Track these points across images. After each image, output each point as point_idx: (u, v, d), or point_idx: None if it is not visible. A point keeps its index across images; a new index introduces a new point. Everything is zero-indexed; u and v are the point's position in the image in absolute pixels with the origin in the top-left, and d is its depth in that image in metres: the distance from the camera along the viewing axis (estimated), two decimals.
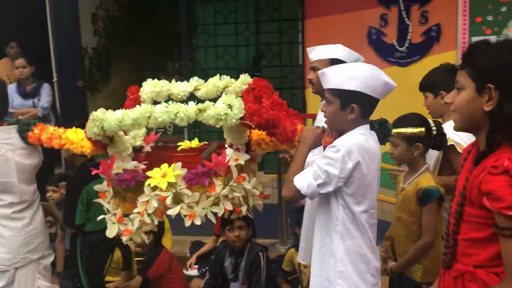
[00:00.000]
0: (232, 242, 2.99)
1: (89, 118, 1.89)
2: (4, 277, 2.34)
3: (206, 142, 2.39)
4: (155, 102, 2.21)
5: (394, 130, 1.91)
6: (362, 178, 1.70)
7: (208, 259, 3.46)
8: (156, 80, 2.27)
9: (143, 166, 2.10)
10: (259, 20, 5.09)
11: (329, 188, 1.69)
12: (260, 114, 1.85)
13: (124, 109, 2.04)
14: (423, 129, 1.97)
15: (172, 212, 1.91)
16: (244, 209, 2.02)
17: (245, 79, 2.18)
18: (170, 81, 2.22)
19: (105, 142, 1.98)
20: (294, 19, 4.91)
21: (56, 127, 2.28)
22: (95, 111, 1.87)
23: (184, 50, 5.32)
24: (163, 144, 2.44)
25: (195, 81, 2.24)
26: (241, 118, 1.84)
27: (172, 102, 1.92)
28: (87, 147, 2.13)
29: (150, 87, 2.23)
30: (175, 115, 1.83)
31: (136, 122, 1.84)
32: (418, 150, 2.11)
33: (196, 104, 1.86)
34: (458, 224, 1.34)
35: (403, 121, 2.13)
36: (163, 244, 3.26)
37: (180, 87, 2.22)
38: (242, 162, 1.98)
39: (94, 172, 2.02)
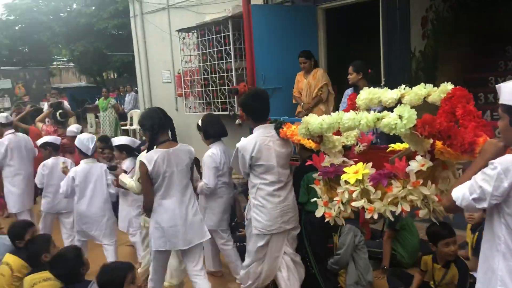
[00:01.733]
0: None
1: None
2: (264, 239, 3.11)
3: None
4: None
5: None
6: None
7: None
8: (372, 88, 2.60)
9: (352, 163, 2.48)
10: None
11: (484, 204, 1.67)
12: (433, 125, 1.94)
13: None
14: None
15: (356, 204, 2.25)
16: (422, 212, 2.13)
17: (444, 88, 2.23)
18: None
19: (316, 140, 2.49)
20: None
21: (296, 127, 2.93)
22: None
23: None
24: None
25: (402, 89, 2.44)
26: (414, 128, 1.99)
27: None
28: (312, 143, 2.69)
29: (365, 94, 2.58)
30: (359, 122, 2.15)
31: (331, 126, 2.27)
32: None
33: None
34: None
35: None
36: None
37: (389, 95, 2.47)
38: (424, 169, 2.10)
39: (308, 162, 2.57)
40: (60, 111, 5.83)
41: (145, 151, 3.06)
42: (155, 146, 3.03)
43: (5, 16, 22.51)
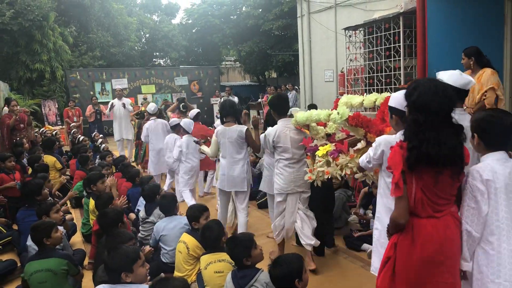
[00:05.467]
0: None
1: None
2: (282, 196, 4.32)
3: None
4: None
5: None
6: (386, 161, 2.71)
7: None
8: (350, 95, 3.75)
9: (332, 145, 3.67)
10: None
11: (371, 165, 2.79)
12: (358, 119, 3.09)
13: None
14: None
15: (320, 168, 3.44)
16: (357, 175, 3.26)
17: (384, 96, 3.33)
18: None
19: (305, 129, 3.72)
20: None
21: None
22: None
23: None
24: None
25: (364, 96, 3.57)
26: (347, 121, 3.15)
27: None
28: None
29: (344, 99, 3.74)
30: (320, 116, 3.35)
31: (307, 119, 3.50)
32: None
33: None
34: None
35: None
36: None
37: (356, 100, 3.61)
38: (361, 147, 3.23)
39: (301, 143, 3.82)
40: (182, 103, 7.97)
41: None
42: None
43: (185, 20, 25.09)
